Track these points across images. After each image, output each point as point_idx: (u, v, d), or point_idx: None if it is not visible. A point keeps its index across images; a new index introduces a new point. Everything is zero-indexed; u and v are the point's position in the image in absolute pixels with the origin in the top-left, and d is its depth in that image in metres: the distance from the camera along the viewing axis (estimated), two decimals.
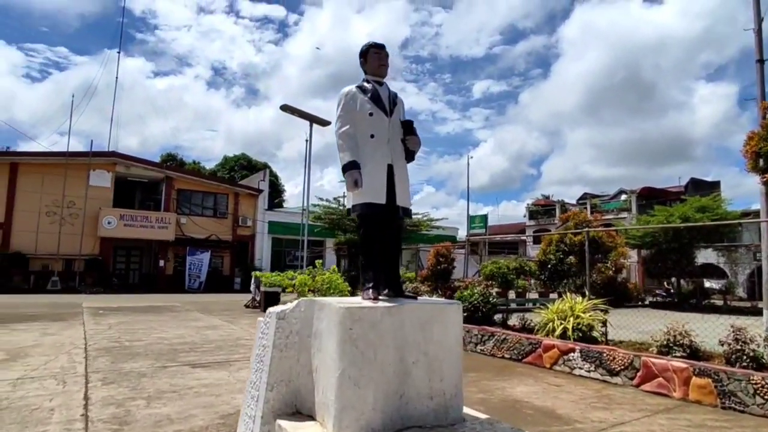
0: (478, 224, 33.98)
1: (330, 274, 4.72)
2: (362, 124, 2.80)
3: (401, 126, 2.90)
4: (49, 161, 23.00)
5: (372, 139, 2.76)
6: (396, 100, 2.97)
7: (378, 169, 2.72)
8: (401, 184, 2.79)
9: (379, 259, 2.74)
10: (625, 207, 34.17)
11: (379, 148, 2.76)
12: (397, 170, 2.79)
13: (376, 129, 2.78)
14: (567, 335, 6.14)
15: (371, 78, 2.98)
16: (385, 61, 3.00)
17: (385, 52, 3.01)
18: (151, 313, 12.19)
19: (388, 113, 2.84)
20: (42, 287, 20.70)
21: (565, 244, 9.04)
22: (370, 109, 2.80)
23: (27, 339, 7.45)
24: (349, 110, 2.84)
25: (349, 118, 2.82)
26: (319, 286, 4.85)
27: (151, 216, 24.67)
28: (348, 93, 2.88)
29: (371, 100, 2.84)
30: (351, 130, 2.80)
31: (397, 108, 2.94)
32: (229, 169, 53.53)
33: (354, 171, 2.70)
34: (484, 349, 7.13)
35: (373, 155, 2.74)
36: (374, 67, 2.97)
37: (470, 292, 8.13)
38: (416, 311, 2.47)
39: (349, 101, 2.85)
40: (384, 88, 2.96)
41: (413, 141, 2.89)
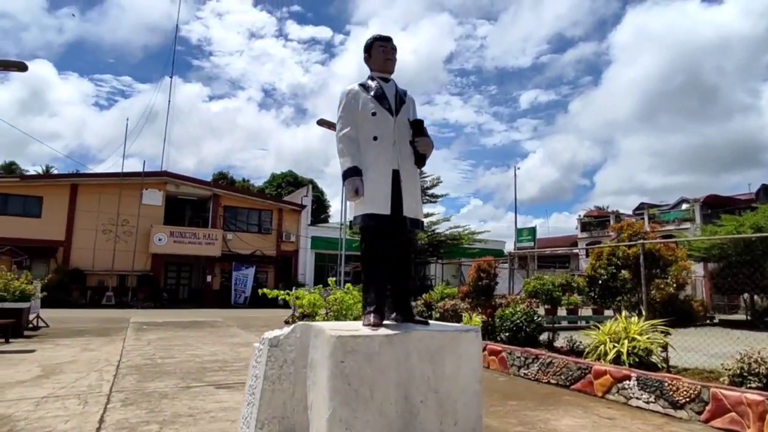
0: (526, 237, 32.81)
1: (342, 293, 4.39)
2: (365, 126, 2.49)
3: (409, 126, 2.56)
4: (105, 182, 24.32)
5: (375, 141, 2.44)
6: (404, 98, 2.64)
7: (381, 175, 2.39)
8: (409, 191, 2.44)
9: (384, 278, 2.39)
10: (687, 217, 31.88)
11: (383, 152, 2.43)
12: (405, 176, 2.44)
13: (380, 130, 2.46)
14: (621, 360, 5.48)
15: (376, 74, 2.68)
16: (392, 55, 2.68)
17: (391, 45, 2.70)
18: (191, 329, 12.32)
19: (393, 112, 2.51)
20: (98, 302, 21.67)
21: (617, 258, 8.28)
22: (374, 109, 2.49)
23: (67, 355, 7.58)
24: (351, 110, 2.54)
25: (351, 119, 2.53)
26: (330, 306, 4.52)
27: (198, 233, 25.44)
28: (349, 92, 2.59)
29: (375, 99, 2.53)
30: (352, 133, 2.50)
31: (406, 107, 2.61)
32: (276, 186, 54.93)
33: (354, 178, 2.39)
34: (527, 373, 6.53)
35: (376, 160, 2.42)
36: (380, 62, 2.67)
37: (512, 311, 7.56)
38: (425, 340, 2.08)
39: (350, 101, 2.56)
40: (390, 85, 2.64)
41: (423, 143, 2.54)
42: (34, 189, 23.04)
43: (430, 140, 2.59)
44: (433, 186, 16.17)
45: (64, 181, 23.87)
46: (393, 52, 2.71)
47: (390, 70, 2.70)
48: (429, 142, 2.57)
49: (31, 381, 5.63)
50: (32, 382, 5.58)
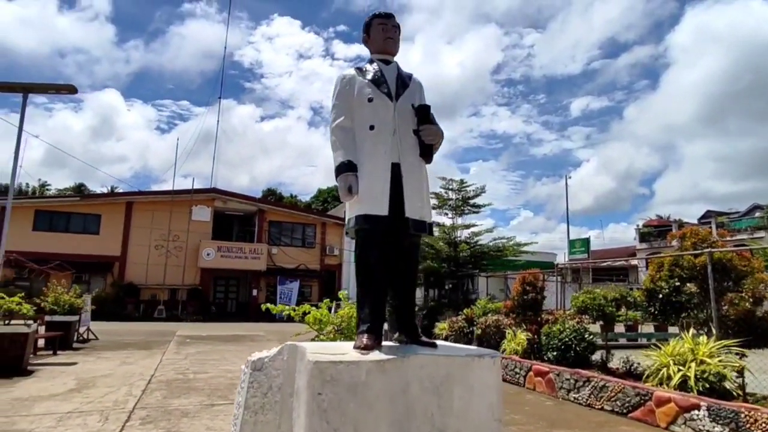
0: (579, 249, 31.23)
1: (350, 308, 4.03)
2: (361, 114, 2.17)
3: (414, 113, 2.20)
4: (157, 199, 25.42)
5: (372, 131, 2.11)
6: (408, 82, 2.30)
7: (378, 169, 2.05)
8: (413, 188, 2.07)
9: (381, 291, 2.03)
10: (761, 225, 29.26)
11: (381, 143, 2.10)
12: (407, 170, 2.09)
13: (378, 118, 2.13)
14: (688, 386, 4.77)
15: (376, 57, 2.36)
16: (393, 33, 2.36)
17: (392, 23, 2.37)
18: (231, 343, 12.33)
19: (393, 97, 2.17)
20: (150, 315, 22.45)
21: (680, 268, 7.43)
22: (370, 94, 2.17)
23: (105, 368, 7.65)
24: (345, 98, 2.23)
25: (345, 107, 2.21)
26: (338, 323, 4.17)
27: (245, 247, 25.96)
28: (344, 77, 2.29)
29: (372, 83, 2.20)
30: (346, 123, 2.18)
31: (410, 91, 2.26)
32: (322, 200, 55.78)
33: (348, 174, 2.07)
34: (578, 398, 5.88)
35: (372, 152, 2.09)
36: (379, 42, 2.35)
37: (560, 327, 6.91)
38: (428, 367, 1.69)
39: (344, 87, 2.25)
40: (392, 67, 2.31)
41: (429, 131, 2.17)
42: (94, 207, 24.39)
43: (437, 128, 2.22)
44: (476, 195, 15.56)
45: (120, 199, 25.15)
46: (394, 31, 2.38)
47: (391, 50, 2.37)
48: (436, 130, 2.21)
49: (62, 395, 5.63)
50: (63, 396, 5.58)
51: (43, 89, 10.91)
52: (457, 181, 15.45)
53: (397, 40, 2.37)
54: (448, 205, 15.65)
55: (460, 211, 15.51)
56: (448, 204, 15.64)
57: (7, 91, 10.82)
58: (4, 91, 10.71)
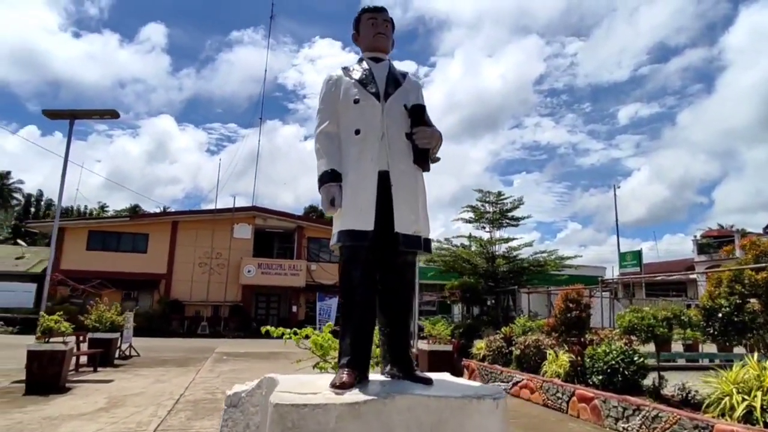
0: (631, 262, 29.57)
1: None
2: (347, 117, 1.97)
3: (407, 115, 1.97)
4: (201, 218, 26.22)
5: (358, 136, 1.91)
6: (401, 81, 2.07)
7: (363, 178, 1.83)
8: (404, 199, 1.83)
9: (366, 318, 1.79)
10: None
11: (367, 149, 1.88)
12: (397, 179, 1.85)
13: (364, 121, 1.92)
14: (754, 417, 4.18)
15: (366, 55, 2.16)
16: (384, 28, 2.15)
17: (383, 17, 2.17)
18: (268, 360, 12.29)
19: (380, 97, 1.95)
20: (194, 332, 22.94)
21: (742, 285, 6.72)
22: (357, 95, 1.96)
23: (138, 386, 7.71)
24: (331, 101, 2.04)
25: (330, 111, 2.02)
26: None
27: (284, 264, 26.24)
28: (329, 79, 2.11)
29: (359, 83, 2.00)
30: (331, 128, 1.99)
31: (402, 91, 2.03)
32: None
33: (330, 185, 1.87)
34: (627, 428, 5.32)
35: (358, 159, 1.88)
36: (369, 39, 2.15)
37: (606, 348, 6.36)
38: (416, 410, 1.42)
39: (330, 89, 2.07)
40: (382, 65, 2.10)
41: (422, 134, 1.93)
42: (142, 227, 25.43)
43: (433, 130, 1.97)
44: (513, 208, 14.98)
45: (166, 218, 26.11)
46: (386, 26, 2.17)
47: (382, 47, 2.15)
48: (431, 132, 1.95)
49: (90, 414, 5.65)
50: (91, 415, 5.59)
51: (87, 115, 11.44)
52: (494, 194, 14.95)
53: (388, 35, 2.16)
54: (486, 218, 15.15)
55: (498, 225, 14.97)
56: (485, 217, 15.14)
57: (56, 118, 11.41)
58: (53, 118, 11.31)
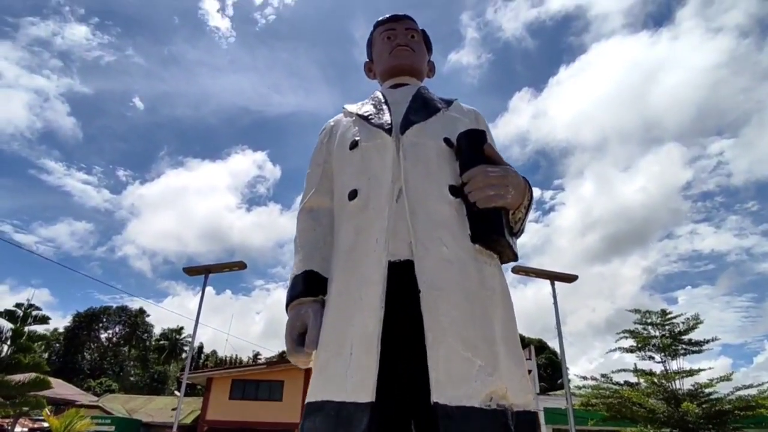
0: None
1: None
2: (341, 176, 1.14)
3: (449, 154, 1.01)
4: None
5: (353, 202, 1.03)
6: (437, 104, 1.20)
7: (358, 285, 0.92)
8: (450, 322, 0.87)
9: None
10: None
11: (367, 224, 0.98)
12: (432, 278, 0.89)
13: (366, 174, 1.05)
14: None
15: (386, 84, 1.36)
16: (407, 39, 1.36)
17: (405, 26, 1.38)
18: None
19: (394, 129, 1.08)
20: None
21: None
22: (356, 135, 1.13)
23: None
24: (321, 160, 1.24)
25: (317, 175, 1.21)
26: None
27: None
28: (324, 128, 1.32)
29: (362, 118, 1.17)
30: (319, 200, 1.17)
31: (440, 118, 1.15)
32: None
33: (301, 305, 1.01)
34: None
35: (352, 247, 0.99)
36: (384, 58, 1.36)
37: None
38: None
39: (323, 141, 1.28)
40: (405, 90, 1.26)
41: (481, 179, 0.96)
42: (278, 374, 25.75)
43: (507, 170, 0.99)
44: (689, 329, 11.89)
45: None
46: (410, 36, 1.36)
47: (404, 65, 1.32)
48: (501, 174, 0.97)
49: None
50: None
51: (219, 269, 12.30)
52: (657, 313, 12.13)
53: (417, 49, 1.36)
54: (652, 344, 12.16)
55: (672, 352, 11.82)
56: (651, 344, 12.17)
57: (194, 274, 12.46)
58: (192, 274, 12.35)
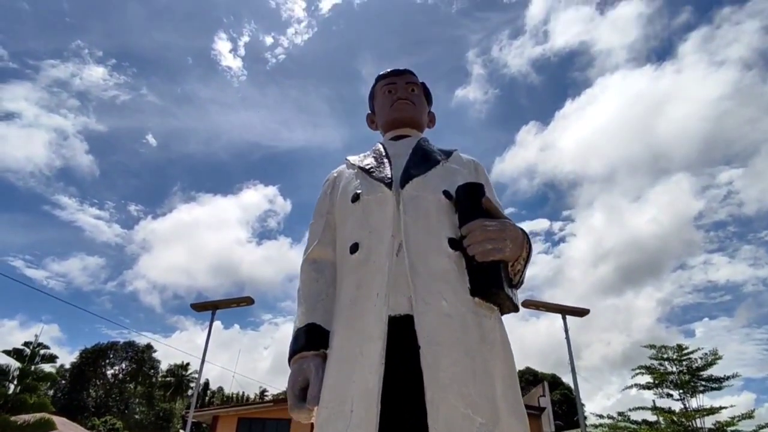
0: None
1: None
2: (342, 229, 1.16)
3: (448, 207, 1.04)
4: None
5: (354, 255, 1.04)
6: (437, 156, 1.22)
7: (359, 340, 0.92)
8: (450, 377, 0.87)
9: None
10: None
11: (367, 278, 0.99)
12: (432, 332, 0.88)
13: (367, 228, 1.06)
14: None
15: (386, 137, 1.41)
16: (407, 93, 1.41)
17: (406, 80, 1.43)
18: None
19: (393, 184, 1.11)
20: None
21: None
22: (358, 188, 1.16)
23: None
24: (323, 211, 1.26)
25: (320, 227, 1.23)
26: None
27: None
28: (328, 180, 1.35)
29: (363, 171, 1.20)
30: (321, 251, 1.19)
31: (440, 171, 1.17)
32: None
33: (303, 359, 1.01)
34: None
35: (353, 302, 0.99)
36: (385, 111, 1.41)
37: None
38: None
39: (326, 193, 1.30)
40: (405, 142, 1.30)
41: (480, 233, 0.97)
42: (285, 412, 24.79)
43: (504, 224, 0.99)
44: (708, 364, 11.54)
45: None
46: (409, 89, 1.41)
47: (404, 117, 1.36)
48: (499, 228, 0.97)
49: None
50: None
51: (227, 304, 12.25)
52: (673, 348, 11.80)
53: (417, 102, 1.40)
54: (670, 380, 11.78)
55: (691, 389, 11.43)
56: (668, 380, 11.79)
57: (202, 309, 12.40)
58: (199, 310, 12.28)
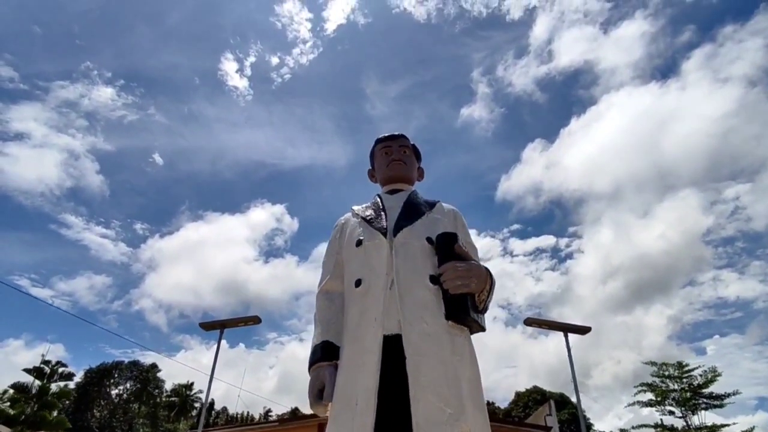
0: None
1: None
2: (349, 267, 1.52)
3: (431, 251, 1.39)
4: None
5: (358, 289, 1.39)
6: (422, 209, 1.58)
7: (362, 352, 1.27)
8: (428, 381, 1.20)
9: None
10: None
11: (369, 307, 1.34)
12: (416, 348, 1.23)
13: (367, 268, 1.42)
14: None
15: (383, 190, 1.79)
16: (400, 155, 1.79)
17: (399, 143, 1.82)
18: None
19: (387, 233, 1.47)
20: None
21: None
22: (360, 235, 1.52)
23: None
24: (334, 250, 1.64)
25: (333, 263, 1.61)
26: None
27: None
28: (337, 225, 1.73)
29: (365, 221, 1.57)
30: (333, 284, 1.55)
31: (426, 221, 1.53)
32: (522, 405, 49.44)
33: (321, 367, 1.35)
34: None
35: (357, 324, 1.34)
36: (383, 169, 1.79)
37: None
38: None
39: (336, 236, 1.68)
40: (398, 196, 1.67)
41: (453, 272, 1.33)
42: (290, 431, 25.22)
43: (471, 265, 1.34)
44: (708, 382, 11.66)
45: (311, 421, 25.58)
46: (402, 152, 1.79)
47: (398, 175, 1.74)
48: (467, 268, 1.32)
49: None
50: None
51: (234, 323, 12.55)
52: (673, 365, 11.96)
53: (408, 162, 1.78)
54: (672, 399, 11.90)
55: (692, 407, 11.54)
56: (670, 398, 11.91)
57: (210, 329, 12.69)
58: (208, 329, 12.55)
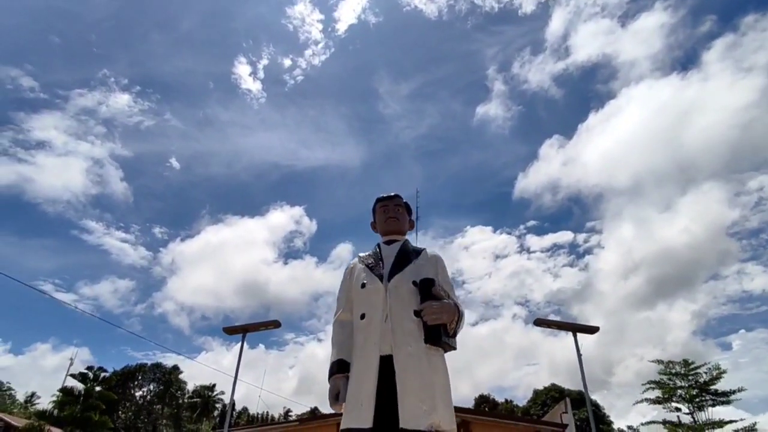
0: None
1: None
2: (356, 303, 2.10)
3: (416, 292, 1.96)
4: None
5: (363, 320, 1.98)
6: (411, 257, 2.12)
7: (366, 368, 1.85)
8: (410, 387, 1.77)
9: None
10: None
11: (370, 333, 1.93)
12: (402, 364, 1.81)
13: (369, 305, 2.03)
14: None
15: (382, 240, 2.36)
16: (395, 212, 2.33)
17: (394, 203, 2.39)
18: None
19: (383, 278, 1.99)
20: None
21: None
22: (364, 279, 2.10)
23: None
24: (345, 289, 2.22)
25: (344, 299, 2.19)
26: None
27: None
28: (348, 267, 2.33)
29: (367, 267, 2.15)
30: (344, 316, 2.13)
31: (413, 267, 2.10)
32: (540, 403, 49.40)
33: (337, 377, 1.92)
34: None
35: (363, 347, 1.93)
36: (381, 224, 2.37)
37: None
38: None
39: (346, 277, 2.26)
40: (393, 246, 2.24)
41: (429, 309, 1.89)
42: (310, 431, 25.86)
43: (443, 304, 1.89)
44: (714, 380, 11.95)
45: (331, 421, 26.23)
46: (396, 210, 2.36)
47: (393, 229, 2.31)
48: (440, 306, 1.87)
49: None
50: None
51: (256, 328, 13.24)
52: (679, 363, 12.26)
53: (401, 218, 2.34)
54: (678, 395, 12.21)
55: (698, 404, 11.84)
56: (677, 395, 12.22)
57: (232, 333, 13.41)
58: (230, 333, 13.27)
